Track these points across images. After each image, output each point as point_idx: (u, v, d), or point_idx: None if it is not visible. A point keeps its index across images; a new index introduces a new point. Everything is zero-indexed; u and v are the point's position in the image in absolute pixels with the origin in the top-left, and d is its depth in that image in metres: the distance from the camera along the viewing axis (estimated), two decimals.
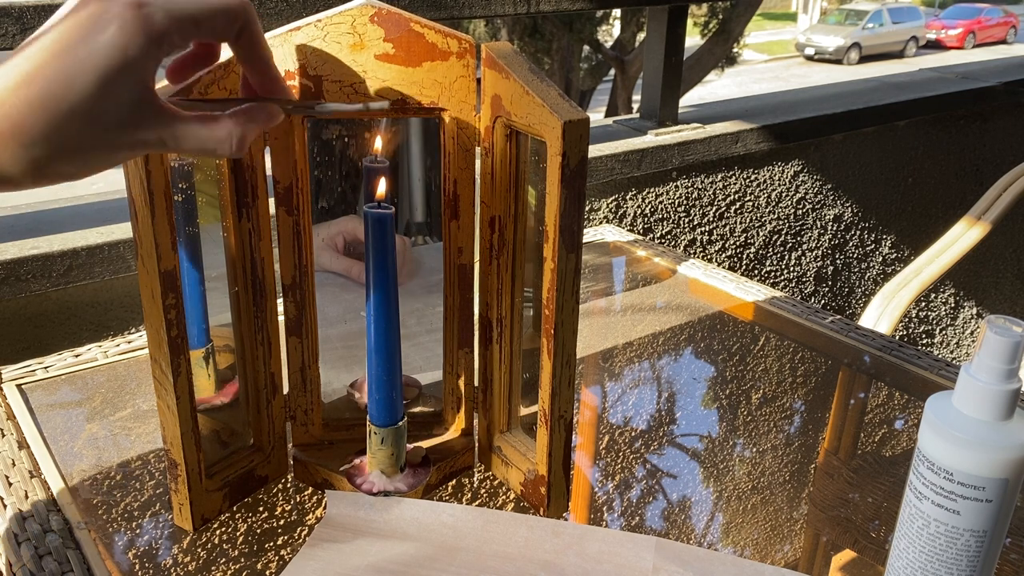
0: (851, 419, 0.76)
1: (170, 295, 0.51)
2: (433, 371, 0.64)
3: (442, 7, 1.15)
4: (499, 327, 0.60)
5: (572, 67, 7.55)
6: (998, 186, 1.52)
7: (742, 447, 0.70)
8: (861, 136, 1.81)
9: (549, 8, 1.28)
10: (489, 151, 0.56)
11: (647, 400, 0.77)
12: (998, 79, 2.05)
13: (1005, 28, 17.66)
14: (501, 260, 0.58)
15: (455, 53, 0.54)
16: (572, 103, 0.50)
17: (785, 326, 0.90)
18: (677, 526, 0.61)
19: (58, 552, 0.54)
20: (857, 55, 15.85)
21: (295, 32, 0.52)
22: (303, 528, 0.58)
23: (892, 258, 2.00)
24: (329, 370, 0.63)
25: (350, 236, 0.62)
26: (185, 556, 0.55)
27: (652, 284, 1.01)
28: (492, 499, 0.61)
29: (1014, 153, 2.12)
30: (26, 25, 0.89)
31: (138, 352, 0.81)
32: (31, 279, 0.94)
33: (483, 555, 0.55)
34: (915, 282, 1.42)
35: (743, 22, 6.19)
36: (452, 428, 0.64)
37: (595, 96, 8.93)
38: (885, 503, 0.63)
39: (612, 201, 1.46)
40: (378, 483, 0.58)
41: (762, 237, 1.71)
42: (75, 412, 0.71)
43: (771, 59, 16.44)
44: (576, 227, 0.52)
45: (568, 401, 0.57)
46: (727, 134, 1.56)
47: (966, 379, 0.42)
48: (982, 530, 0.42)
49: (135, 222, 0.50)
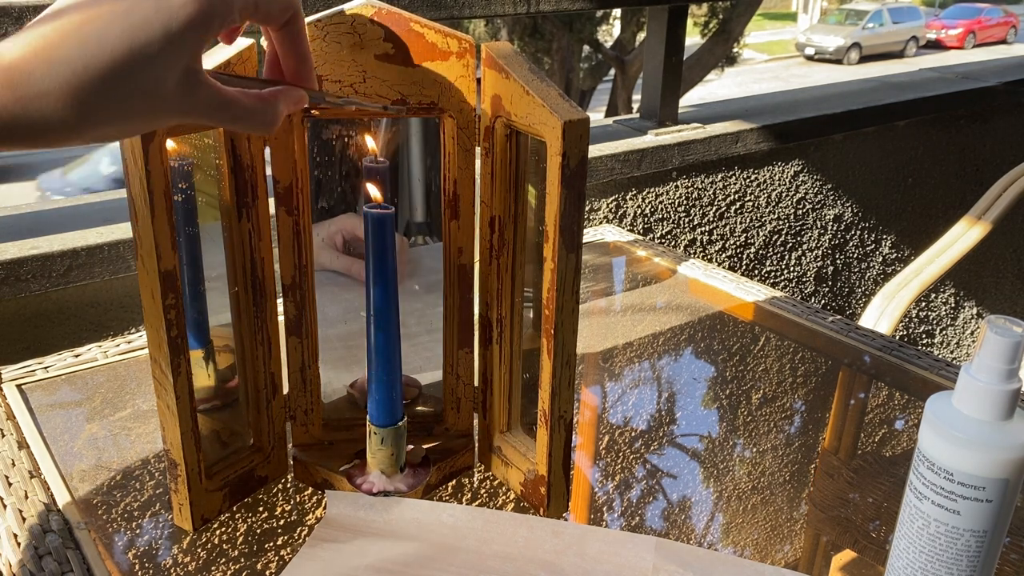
0: (851, 419, 0.76)
1: (170, 295, 0.51)
2: (433, 371, 0.64)
3: (442, 7, 1.15)
4: (499, 327, 0.60)
5: (572, 67, 7.55)
6: (998, 186, 1.52)
7: (742, 447, 0.70)
8: (861, 136, 1.81)
9: (549, 8, 1.28)
10: (489, 151, 0.56)
11: (647, 400, 0.77)
12: (998, 79, 2.05)
13: (1005, 28, 17.66)
14: (501, 260, 0.58)
15: (455, 53, 0.54)
16: (572, 103, 0.50)
17: (785, 326, 0.90)
18: (677, 526, 0.61)
19: (58, 552, 0.54)
20: (857, 55, 15.85)
21: None
22: (303, 528, 0.58)
23: (892, 258, 2.00)
24: (329, 370, 0.63)
25: (349, 234, 0.62)
26: (185, 556, 0.55)
27: (652, 284, 1.01)
28: (492, 499, 0.61)
29: (1014, 153, 2.12)
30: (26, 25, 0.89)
31: (138, 352, 0.81)
32: (31, 279, 0.94)
33: (483, 555, 0.55)
34: (915, 282, 1.42)
35: (743, 22, 6.19)
36: (452, 428, 0.64)
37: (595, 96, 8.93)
38: (885, 503, 0.63)
39: (612, 201, 1.46)
40: (378, 483, 0.58)
41: (762, 237, 1.71)
42: (75, 412, 0.71)
43: (771, 59, 16.44)
44: (576, 227, 0.52)
45: (568, 401, 0.57)
46: (727, 134, 1.56)
47: (966, 379, 0.42)
48: (982, 530, 0.42)
49: (135, 222, 0.50)
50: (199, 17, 0.38)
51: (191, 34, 0.38)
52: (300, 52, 0.47)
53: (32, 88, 0.35)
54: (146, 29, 0.37)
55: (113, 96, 0.37)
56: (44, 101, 0.36)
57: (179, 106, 0.39)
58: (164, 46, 0.37)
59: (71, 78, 0.36)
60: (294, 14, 0.45)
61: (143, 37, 0.37)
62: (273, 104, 0.44)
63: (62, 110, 0.36)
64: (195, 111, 0.40)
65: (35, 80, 0.35)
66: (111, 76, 0.36)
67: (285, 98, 0.45)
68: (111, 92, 0.37)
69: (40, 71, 0.35)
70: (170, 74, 0.38)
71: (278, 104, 0.44)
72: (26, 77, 0.35)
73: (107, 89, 0.36)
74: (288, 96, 0.45)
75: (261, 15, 0.43)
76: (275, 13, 0.44)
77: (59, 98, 0.36)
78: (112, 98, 0.37)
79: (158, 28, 0.37)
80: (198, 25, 0.38)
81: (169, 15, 0.37)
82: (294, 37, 0.46)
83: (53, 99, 0.36)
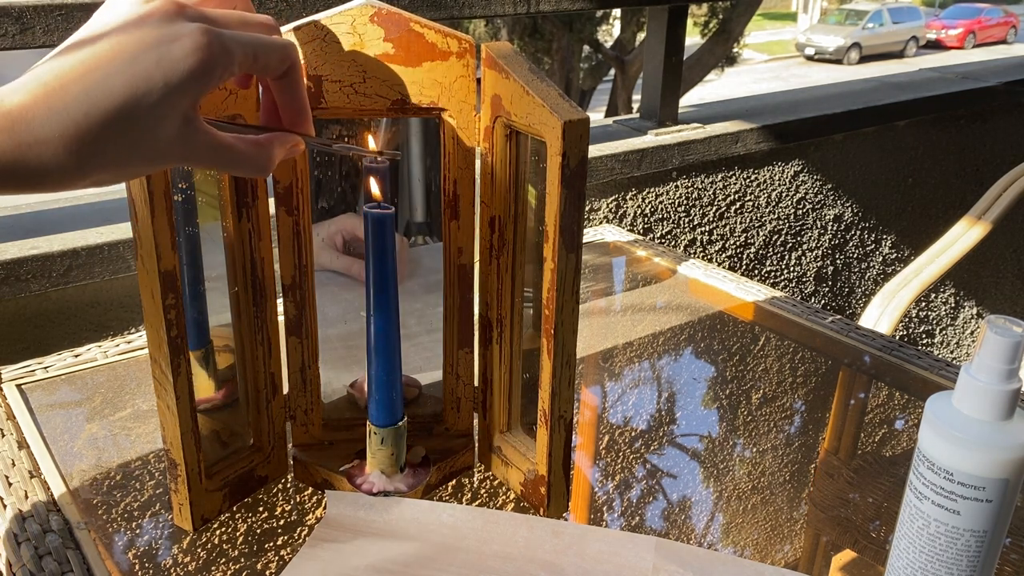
0: (851, 419, 0.76)
1: (170, 295, 0.51)
2: (433, 371, 0.64)
3: (442, 7, 1.15)
4: (499, 327, 0.60)
5: (572, 67, 7.55)
6: (998, 186, 1.52)
7: (742, 447, 0.70)
8: (861, 136, 1.81)
9: (549, 8, 1.28)
10: (489, 151, 0.56)
11: (647, 400, 0.77)
12: (998, 79, 2.05)
13: (1005, 28, 17.66)
14: (501, 260, 0.58)
15: (455, 53, 0.54)
16: (572, 103, 0.50)
17: (785, 326, 0.90)
18: (677, 526, 0.61)
19: (58, 552, 0.54)
20: (857, 55, 15.85)
21: (295, 32, 0.52)
22: (303, 528, 0.58)
23: (892, 258, 2.00)
24: (329, 370, 0.63)
25: (349, 234, 0.63)
26: (185, 556, 0.55)
27: (652, 284, 1.01)
28: (492, 499, 0.61)
29: (1014, 153, 2.12)
30: (26, 25, 0.89)
31: (138, 352, 0.81)
32: (31, 279, 0.94)
33: (483, 555, 0.55)
34: (915, 282, 1.42)
35: (743, 22, 6.19)
36: (452, 428, 0.64)
37: (595, 96, 8.93)
38: (885, 503, 0.63)
39: (612, 201, 1.46)
40: (378, 483, 0.58)
41: (762, 237, 1.71)
42: (75, 412, 0.71)
43: (771, 59, 16.44)
44: (576, 227, 0.52)
45: (568, 401, 0.57)
46: (727, 134, 1.56)
47: (966, 379, 0.42)
48: (982, 530, 0.42)
49: (135, 222, 0.50)
50: (200, 69, 0.39)
51: (191, 86, 0.39)
52: (297, 101, 0.47)
53: (31, 134, 0.36)
54: (148, 81, 0.38)
55: (112, 144, 0.38)
56: (43, 148, 0.36)
57: (177, 152, 0.40)
58: (165, 97, 0.38)
59: (71, 126, 0.36)
60: (291, 65, 0.45)
61: (144, 88, 0.38)
62: (268, 149, 0.45)
63: (61, 157, 0.37)
64: (192, 157, 0.41)
65: (35, 127, 0.36)
66: (111, 125, 0.37)
67: (280, 143, 0.46)
68: (111, 140, 0.37)
69: (40, 118, 0.36)
70: (169, 123, 0.39)
71: (273, 149, 0.46)
72: (26, 124, 0.36)
73: (107, 137, 0.37)
74: (283, 141, 0.47)
75: (260, 67, 0.44)
76: (273, 65, 0.44)
77: (58, 145, 0.36)
78: (111, 146, 0.38)
79: (159, 80, 0.38)
80: (199, 77, 0.39)
81: (170, 67, 0.38)
82: (291, 87, 0.47)
83: (52, 146, 0.36)
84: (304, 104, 0.48)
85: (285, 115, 0.48)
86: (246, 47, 0.42)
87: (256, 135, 0.46)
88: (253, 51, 0.42)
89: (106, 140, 0.37)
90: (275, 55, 0.44)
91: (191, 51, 0.39)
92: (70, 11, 0.91)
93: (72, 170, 0.37)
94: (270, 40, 0.44)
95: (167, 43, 0.38)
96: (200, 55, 0.39)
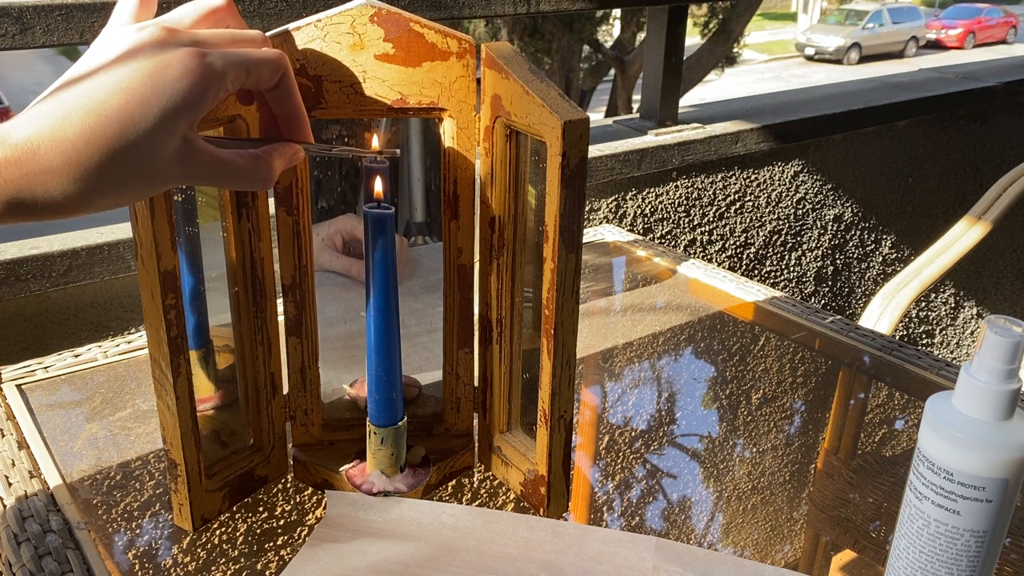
0: (851, 419, 0.76)
1: (170, 295, 0.51)
2: (433, 371, 0.64)
3: (442, 7, 1.15)
4: (499, 327, 0.60)
5: (572, 67, 7.55)
6: (998, 186, 1.52)
7: (742, 447, 0.70)
8: (861, 136, 1.81)
9: (549, 8, 1.28)
10: (489, 151, 0.56)
11: (647, 400, 0.77)
12: (998, 79, 2.05)
13: (1005, 28, 17.66)
14: (501, 260, 0.58)
15: (455, 53, 0.54)
16: (572, 103, 0.50)
17: (785, 326, 0.90)
18: (677, 526, 0.61)
19: (58, 552, 0.54)
20: (857, 55, 15.85)
21: (295, 32, 0.52)
22: (303, 528, 0.58)
23: (892, 258, 2.00)
24: (329, 370, 0.63)
25: (349, 235, 0.63)
26: (185, 556, 0.55)
27: (652, 284, 1.01)
28: (492, 499, 0.61)
29: (1014, 153, 2.12)
30: (26, 25, 0.89)
31: (138, 352, 0.81)
32: (31, 279, 0.94)
33: (483, 555, 0.55)
34: (915, 282, 1.42)
35: (743, 22, 6.19)
36: (452, 428, 0.64)
37: (595, 96, 8.93)
38: (885, 503, 0.63)
39: (612, 201, 1.46)
40: (378, 483, 0.58)
41: (762, 237, 1.71)
42: (75, 412, 0.71)
43: (771, 59, 16.44)
44: (576, 227, 0.52)
45: (568, 401, 0.57)
46: (727, 134, 1.56)
47: (966, 379, 0.42)
48: (982, 530, 0.42)
49: (135, 222, 0.50)
50: (193, 92, 0.40)
51: (186, 109, 0.40)
52: (293, 109, 0.48)
53: (37, 165, 0.37)
54: (144, 107, 0.39)
55: (114, 169, 0.39)
56: (48, 177, 0.38)
57: (177, 173, 0.41)
58: (161, 122, 0.40)
59: (72, 154, 0.38)
60: (284, 74, 0.46)
61: (140, 114, 0.39)
62: (267, 162, 0.46)
63: (66, 185, 0.38)
64: (192, 176, 0.43)
65: (40, 157, 0.37)
66: (111, 151, 0.39)
67: (280, 154, 0.47)
68: (112, 166, 0.39)
69: (44, 148, 0.38)
70: (168, 146, 0.40)
71: (272, 161, 0.46)
72: (31, 155, 0.37)
73: (108, 163, 0.39)
74: (282, 152, 0.47)
75: (252, 81, 0.45)
76: (266, 77, 0.45)
77: (62, 173, 0.38)
78: (113, 171, 0.39)
79: (155, 106, 0.39)
80: (193, 99, 0.40)
81: (165, 93, 0.40)
82: (285, 96, 0.47)
83: (56, 175, 0.38)
84: (300, 112, 0.49)
85: (282, 124, 0.49)
86: (237, 65, 0.43)
87: (255, 148, 0.46)
88: (245, 67, 0.43)
89: (108, 166, 0.39)
90: (266, 68, 0.45)
91: (183, 75, 0.40)
92: (70, 11, 0.91)
93: (77, 197, 0.39)
94: (259, 54, 0.45)
95: (160, 70, 0.40)
96: (192, 78, 0.40)
